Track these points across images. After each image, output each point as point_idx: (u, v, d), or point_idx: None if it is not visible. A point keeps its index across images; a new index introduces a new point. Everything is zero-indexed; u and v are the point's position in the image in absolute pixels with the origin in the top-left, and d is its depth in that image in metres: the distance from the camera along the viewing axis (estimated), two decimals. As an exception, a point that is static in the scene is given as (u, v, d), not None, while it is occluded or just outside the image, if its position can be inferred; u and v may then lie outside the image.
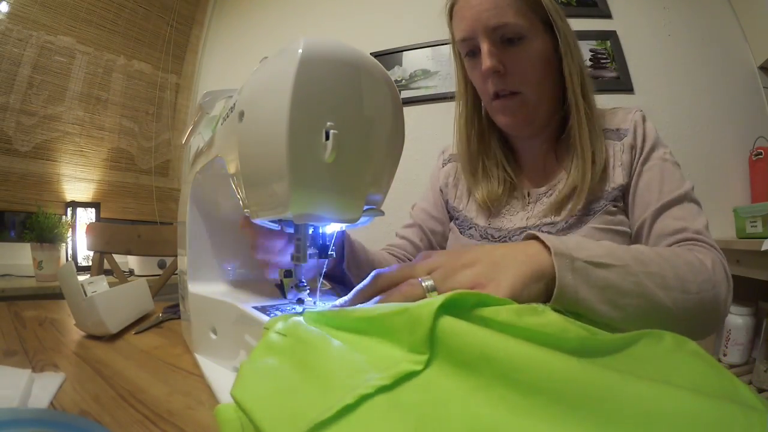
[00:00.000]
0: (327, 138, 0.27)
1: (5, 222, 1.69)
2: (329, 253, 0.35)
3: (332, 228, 0.35)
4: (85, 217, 1.85)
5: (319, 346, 0.23)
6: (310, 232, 0.34)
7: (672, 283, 0.39)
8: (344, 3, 2.07)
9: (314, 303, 0.35)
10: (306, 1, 2.16)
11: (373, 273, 0.36)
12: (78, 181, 1.91)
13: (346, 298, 0.35)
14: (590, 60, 1.69)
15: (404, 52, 1.88)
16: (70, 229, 1.70)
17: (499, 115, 0.61)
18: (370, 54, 0.30)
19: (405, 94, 1.84)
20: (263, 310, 0.34)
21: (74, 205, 1.84)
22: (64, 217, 1.73)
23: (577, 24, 1.95)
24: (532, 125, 0.61)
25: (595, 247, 0.37)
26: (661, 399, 0.16)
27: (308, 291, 0.34)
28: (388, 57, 1.89)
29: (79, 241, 1.76)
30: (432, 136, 1.75)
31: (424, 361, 0.21)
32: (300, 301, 0.34)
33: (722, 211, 1.52)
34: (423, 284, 0.33)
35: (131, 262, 1.81)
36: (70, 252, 1.75)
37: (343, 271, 0.55)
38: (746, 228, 1.39)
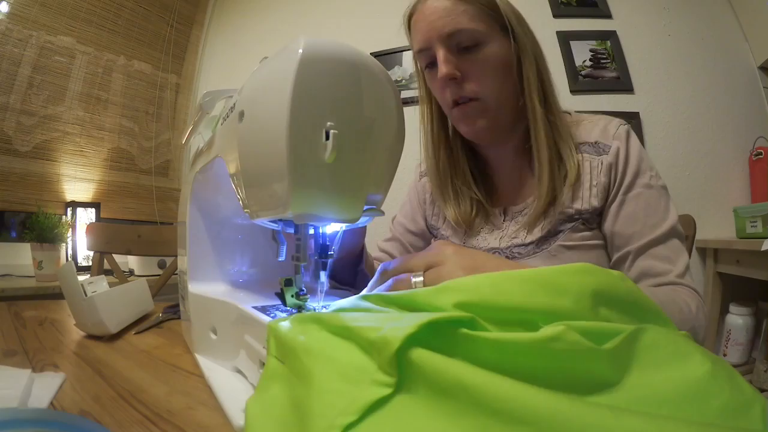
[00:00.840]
0: (327, 138, 0.27)
1: (5, 222, 1.69)
2: (329, 253, 0.35)
3: (332, 228, 0.35)
4: (85, 217, 1.85)
5: (308, 373, 0.22)
6: (311, 232, 0.34)
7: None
8: (344, 3, 2.07)
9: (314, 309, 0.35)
10: (306, 1, 2.17)
11: (380, 267, 0.37)
12: (78, 181, 1.91)
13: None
14: (590, 60, 1.69)
15: (404, 52, 1.88)
16: (70, 229, 1.70)
17: (459, 124, 0.59)
18: (370, 54, 0.30)
19: (405, 94, 1.84)
20: (263, 310, 0.34)
21: (74, 205, 1.84)
22: (64, 217, 1.73)
23: (577, 24, 1.94)
24: (495, 132, 0.59)
25: None
26: None
27: (308, 299, 0.34)
28: (388, 57, 1.89)
29: (79, 241, 1.76)
30: (432, 136, 1.75)
31: (392, 384, 0.20)
32: (300, 309, 0.34)
33: (722, 211, 1.53)
34: (412, 280, 0.34)
35: (131, 262, 1.81)
36: (70, 252, 1.75)
37: (355, 272, 0.56)
38: (746, 228, 1.39)
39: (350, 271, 0.56)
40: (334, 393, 0.20)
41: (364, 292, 0.37)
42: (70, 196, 1.86)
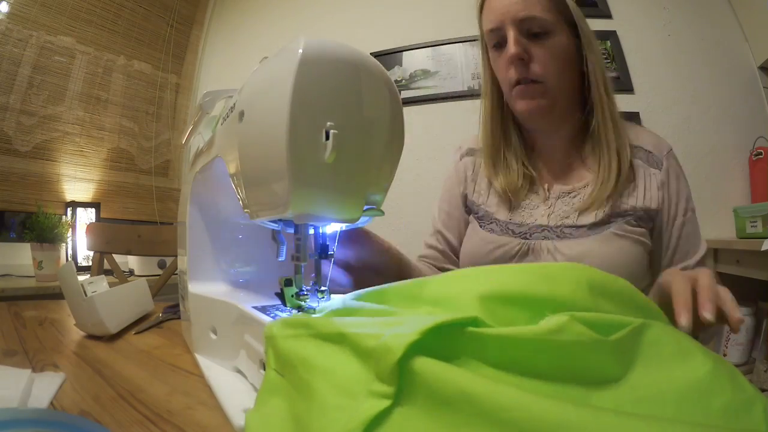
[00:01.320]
0: (327, 138, 0.27)
1: (5, 222, 1.69)
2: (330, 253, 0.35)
3: (332, 228, 0.35)
4: (85, 217, 1.85)
5: (307, 386, 0.22)
6: (311, 232, 0.34)
7: None
8: (344, 3, 2.07)
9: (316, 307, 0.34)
10: (306, 1, 2.17)
11: None
12: (78, 181, 1.91)
13: None
14: (590, 60, 1.69)
15: (404, 52, 1.88)
16: (70, 229, 1.70)
17: (518, 102, 0.62)
18: (370, 54, 0.30)
19: (405, 94, 1.84)
20: (263, 310, 0.34)
21: (74, 205, 1.84)
22: (64, 217, 1.73)
23: (577, 24, 1.90)
24: (551, 115, 0.62)
25: None
26: None
27: (308, 299, 0.34)
28: (388, 57, 1.89)
29: (79, 241, 1.76)
30: (432, 135, 1.75)
31: (390, 394, 0.19)
32: (300, 309, 0.34)
33: (722, 211, 1.52)
34: None
35: (131, 262, 1.81)
36: (70, 252, 1.75)
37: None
38: (746, 228, 1.39)
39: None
40: (334, 408, 0.20)
41: None
42: (70, 196, 1.86)
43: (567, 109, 0.62)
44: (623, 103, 1.88)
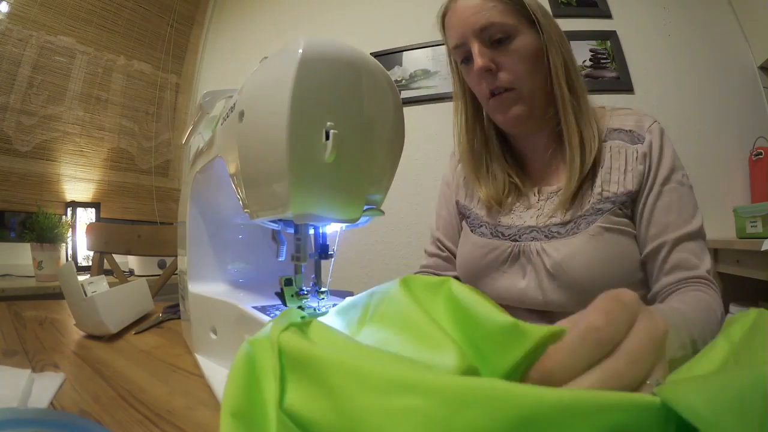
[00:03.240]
0: (327, 138, 0.27)
1: (5, 222, 1.69)
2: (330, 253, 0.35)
3: (332, 228, 0.35)
4: (85, 217, 1.85)
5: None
6: (311, 232, 0.34)
7: (699, 347, 0.39)
8: (344, 3, 2.07)
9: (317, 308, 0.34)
10: (306, 1, 2.17)
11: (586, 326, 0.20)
12: (78, 181, 1.91)
13: None
14: (590, 60, 1.69)
15: (404, 52, 1.88)
16: (70, 229, 1.70)
17: (496, 114, 0.62)
18: (370, 54, 0.30)
19: (405, 94, 1.84)
20: (263, 310, 0.34)
21: (74, 205, 1.84)
22: (64, 217, 1.73)
23: (577, 24, 1.94)
24: (530, 120, 0.62)
25: (679, 338, 0.36)
26: None
27: (308, 299, 0.34)
28: (388, 57, 1.89)
29: (79, 241, 1.76)
30: (432, 136, 1.75)
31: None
32: (301, 309, 0.34)
33: (722, 211, 1.52)
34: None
35: (131, 262, 1.81)
36: (70, 252, 1.75)
37: None
38: (746, 228, 1.39)
39: None
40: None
41: None
42: (70, 196, 1.86)
43: (545, 109, 0.62)
44: (623, 103, 1.89)
